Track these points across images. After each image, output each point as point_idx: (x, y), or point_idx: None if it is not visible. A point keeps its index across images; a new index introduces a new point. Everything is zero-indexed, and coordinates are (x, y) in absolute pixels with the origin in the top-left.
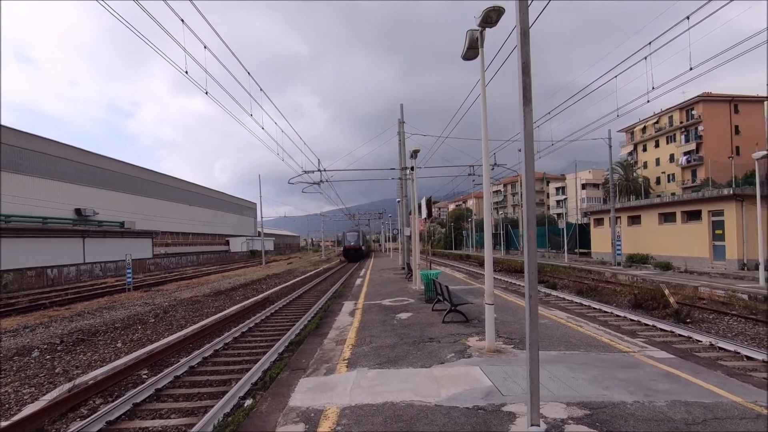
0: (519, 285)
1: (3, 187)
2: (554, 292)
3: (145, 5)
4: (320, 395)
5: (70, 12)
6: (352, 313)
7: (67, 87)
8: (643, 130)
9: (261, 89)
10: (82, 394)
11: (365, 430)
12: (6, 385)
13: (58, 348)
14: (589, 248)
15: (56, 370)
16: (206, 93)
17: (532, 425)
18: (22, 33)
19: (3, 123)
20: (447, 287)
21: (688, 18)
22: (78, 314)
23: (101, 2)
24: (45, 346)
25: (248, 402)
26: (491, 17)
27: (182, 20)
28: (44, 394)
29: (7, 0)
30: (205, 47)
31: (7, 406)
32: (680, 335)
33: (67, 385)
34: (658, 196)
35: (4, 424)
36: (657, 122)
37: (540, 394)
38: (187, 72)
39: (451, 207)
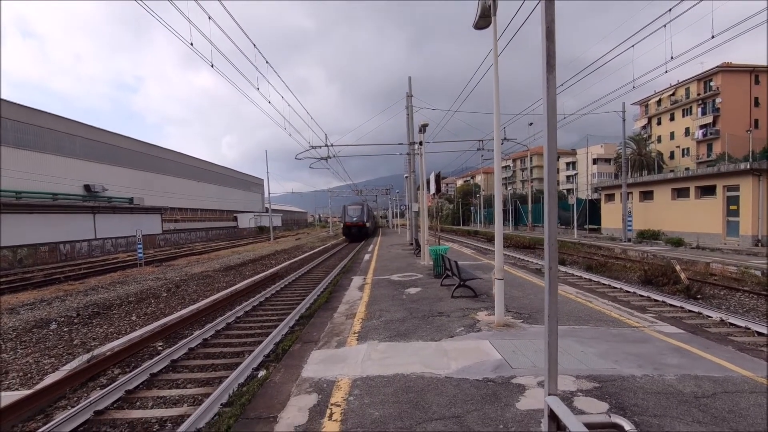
0: (527, 261)
1: (12, 163)
2: (563, 268)
3: None
4: (332, 367)
5: None
6: (361, 288)
7: (73, 63)
8: (659, 102)
9: (267, 62)
10: (101, 364)
11: (377, 400)
12: (27, 356)
13: (75, 321)
14: (599, 224)
15: (74, 342)
16: (212, 66)
17: (549, 394)
18: (26, 8)
19: (10, 99)
20: (456, 262)
21: None
22: (92, 288)
23: None
24: (62, 319)
25: (262, 373)
26: None
27: None
28: (64, 365)
29: None
30: (209, 18)
31: (29, 375)
32: (690, 311)
33: (86, 356)
34: (672, 171)
35: (28, 392)
36: (673, 94)
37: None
38: (192, 44)
39: (459, 183)
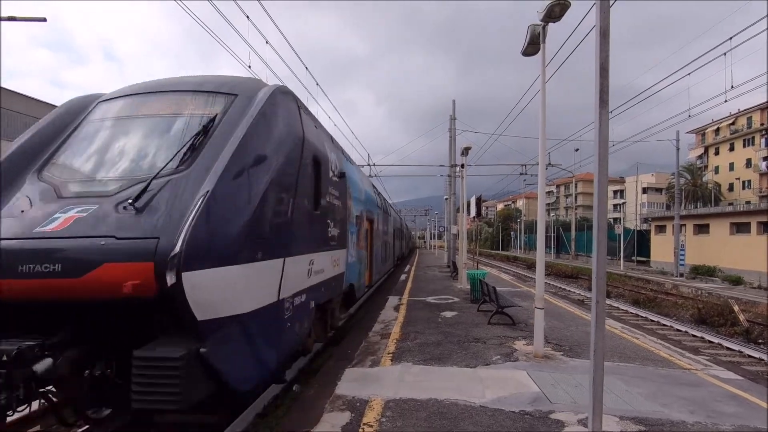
0: (569, 290)
1: None
2: (608, 301)
3: (215, 3)
4: (366, 386)
5: (152, 12)
6: (396, 308)
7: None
8: (717, 131)
9: (317, 84)
10: None
11: (409, 423)
12: None
13: None
14: (649, 256)
15: None
16: None
17: None
18: (110, 33)
19: None
20: (494, 288)
21: None
22: None
23: (178, 2)
24: None
25: (296, 387)
26: (555, 11)
27: (247, 17)
28: None
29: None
30: (266, 42)
31: None
32: (750, 356)
33: None
34: (731, 203)
35: None
36: (733, 123)
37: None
38: (249, 66)
39: (500, 206)
